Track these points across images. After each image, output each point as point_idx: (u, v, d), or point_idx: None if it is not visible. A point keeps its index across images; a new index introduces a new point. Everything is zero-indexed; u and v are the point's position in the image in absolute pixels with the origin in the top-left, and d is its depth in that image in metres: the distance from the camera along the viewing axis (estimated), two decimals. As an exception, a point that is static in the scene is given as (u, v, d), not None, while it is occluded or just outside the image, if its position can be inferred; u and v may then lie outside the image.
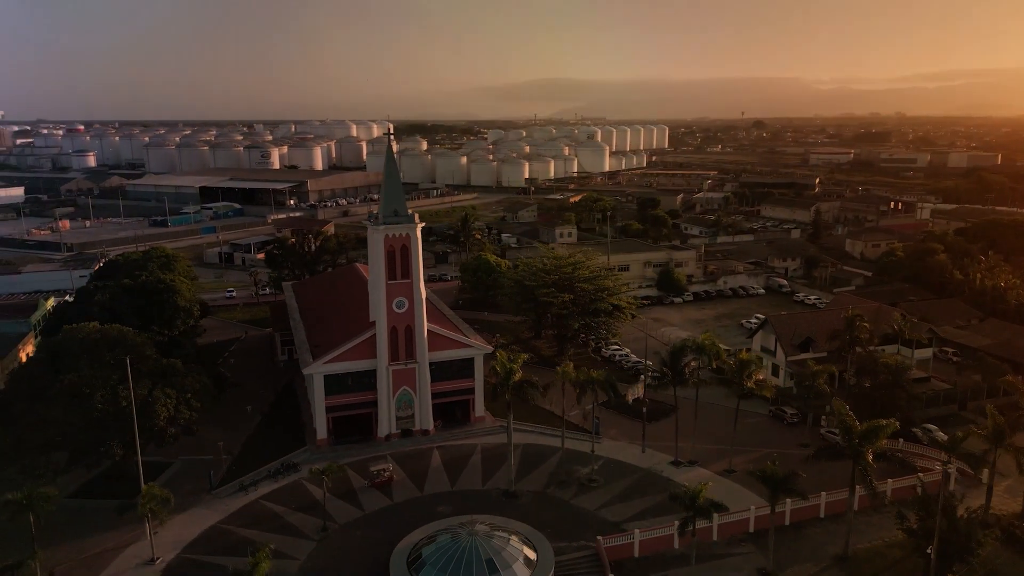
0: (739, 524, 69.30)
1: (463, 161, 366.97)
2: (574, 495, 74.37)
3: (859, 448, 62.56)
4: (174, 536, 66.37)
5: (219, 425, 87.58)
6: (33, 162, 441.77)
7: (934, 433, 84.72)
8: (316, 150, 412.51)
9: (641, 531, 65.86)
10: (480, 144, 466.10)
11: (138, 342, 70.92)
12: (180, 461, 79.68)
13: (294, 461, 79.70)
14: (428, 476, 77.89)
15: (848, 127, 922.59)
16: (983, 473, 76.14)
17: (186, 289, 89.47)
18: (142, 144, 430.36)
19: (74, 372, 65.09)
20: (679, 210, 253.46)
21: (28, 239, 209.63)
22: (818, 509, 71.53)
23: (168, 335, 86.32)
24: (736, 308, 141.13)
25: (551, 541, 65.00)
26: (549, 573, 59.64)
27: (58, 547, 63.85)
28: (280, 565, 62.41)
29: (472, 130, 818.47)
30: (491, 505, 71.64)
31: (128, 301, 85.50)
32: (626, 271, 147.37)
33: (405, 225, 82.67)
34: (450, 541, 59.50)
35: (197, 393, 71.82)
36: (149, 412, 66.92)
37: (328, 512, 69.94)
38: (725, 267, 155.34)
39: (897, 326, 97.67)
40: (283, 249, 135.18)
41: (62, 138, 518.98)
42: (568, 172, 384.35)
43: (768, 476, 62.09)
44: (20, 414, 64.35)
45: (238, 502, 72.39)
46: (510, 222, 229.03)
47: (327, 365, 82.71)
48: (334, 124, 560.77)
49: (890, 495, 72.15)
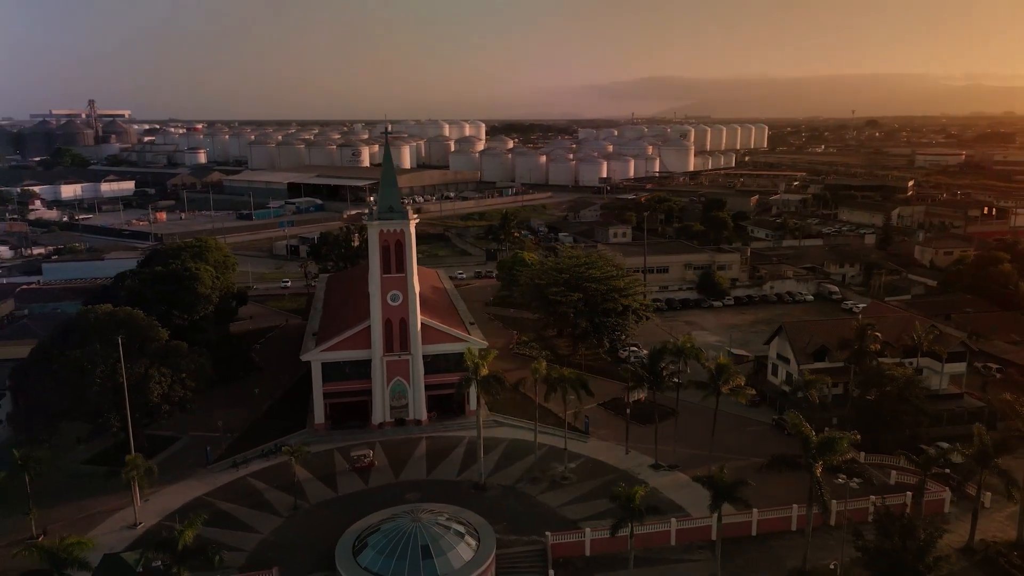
0: (700, 531, 68.35)
1: (542, 160, 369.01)
2: (542, 491, 75.17)
3: (813, 460, 60.45)
4: (161, 505, 72.06)
5: (234, 406, 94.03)
6: (151, 158, 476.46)
7: (947, 451, 79.98)
8: (405, 149, 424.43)
9: (592, 530, 66.07)
10: (562, 144, 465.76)
11: (144, 324, 77.22)
12: (188, 437, 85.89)
13: (288, 443, 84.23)
14: (408, 464, 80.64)
15: (975, 127, 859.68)
16: (986, 497, 71.82)
17: (208, 278, 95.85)
18: (247, 142, 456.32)
19: (78, 349, 71.73)
20: (752, 212, 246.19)
21: (125, 229, 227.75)
22: (789, 522, 69.63)
23: (188, 319, 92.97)
24: (777, 314, 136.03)
25: (506, 534, 66.40)
26: (486, 563, 60.94)
27: (59, 508, 70.66)
28: (243, 537, 66.95)
29: (569, 129, 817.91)
30: (459, 496, 73.44)
31: (155, 287, 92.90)
32: (665, 272, 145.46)
33: (399, 221, 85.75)
34: (393, 527, 61.83)
35: (192, 373, 77.26)
36: (144, 389, 72.78)
37: (303, 492, 73.95)
38: (773, 272, 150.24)
39: (917, 337, 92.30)
40: (327, 243, 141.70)
41: (179, 136, 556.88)
42: (648, 172, 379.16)
43: (712, 482, 61.02)
44: (31, 385, 71.70)
45: (227, 477, 77.50)
46: (571, 221, 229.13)
47: (324, 353, 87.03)
48: (427, 124, 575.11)
49: (848, 513, 69.03)
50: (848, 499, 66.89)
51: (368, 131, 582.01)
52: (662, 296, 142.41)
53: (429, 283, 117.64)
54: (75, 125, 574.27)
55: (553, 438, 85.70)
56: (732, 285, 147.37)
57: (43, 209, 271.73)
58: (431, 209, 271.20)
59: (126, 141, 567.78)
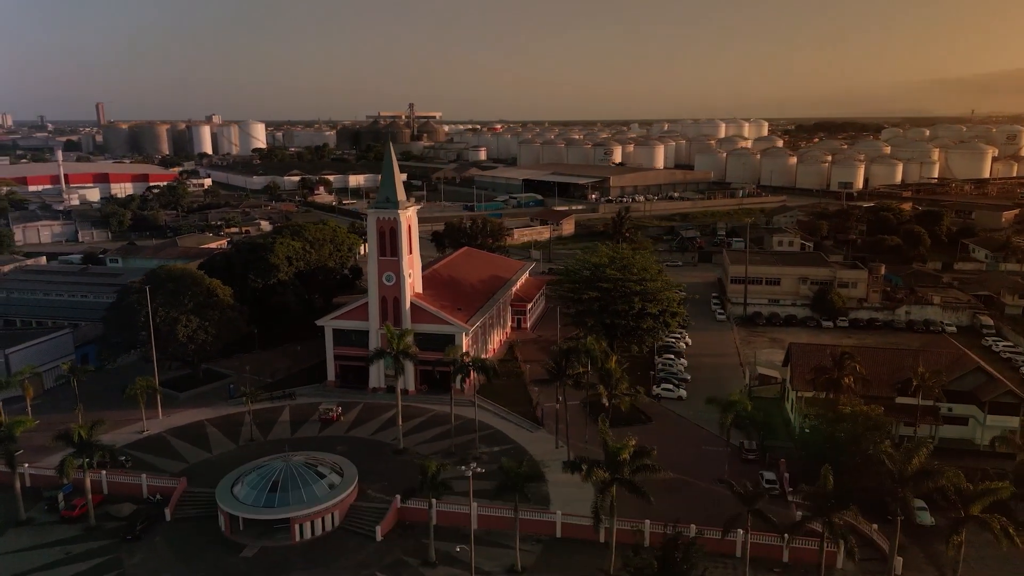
0: (543, 525, 69.49)
1: (791, 162, 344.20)
2: (445, 462, 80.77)
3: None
4: (168, 422, 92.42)
5: (287, 359, 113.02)
6: (444, 155, 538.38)
7: (918, 511, 68.50)
8: (658, 149, 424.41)
9: (438, 502, 70.90)
10: (823, 146, 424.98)
11: (189, 280, 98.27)
12: (235, 375, 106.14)
13: (296, 392, 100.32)
14: (361, 424, 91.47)
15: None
16: (898, 563, 61.46)
17: (282, 251, 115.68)
18: (518, 141, 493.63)
19: (138, 294, 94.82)
20: (1006, 229, 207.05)
21: (360, 212, 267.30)
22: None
23: (263, 283, 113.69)
24: (892, 343, 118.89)
25: (384, 493, 74.35)
26: (344, 493, 70.99)
27: (100, 411, 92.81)
28: (196, 454, 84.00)
29: (882, 128, 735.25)
30: (375, 454, 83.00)
31: (240, 256, 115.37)
32: (775, 285, 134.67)
33: (391, 210, 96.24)
34: (267, 467, 73.37)
35: (218, 324, 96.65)
36: (173, 331, 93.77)
37: (260, 431, 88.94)
38: (914, 297, 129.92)
39: (917, 378, 77.53)
40: (449, 230, 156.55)
41: (471, 135, 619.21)
42: (923, 177, 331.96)
43: (505, 472, 62.66)
44: (109, 320, 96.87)
45: (230, 410, 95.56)
46: (760, 226, 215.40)
47: (334, 321, 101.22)
48: (703, 123, 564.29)
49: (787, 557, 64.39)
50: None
51: (646, 130, 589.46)
52: (765, 309, 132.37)
53: (492, 271, 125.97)
54: (397, 125, 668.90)
55: (506, 423, 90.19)
56: (858, 305, 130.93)
57: (323, 194, 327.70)
58: (637, 208, 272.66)
59: (434, 139, 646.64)
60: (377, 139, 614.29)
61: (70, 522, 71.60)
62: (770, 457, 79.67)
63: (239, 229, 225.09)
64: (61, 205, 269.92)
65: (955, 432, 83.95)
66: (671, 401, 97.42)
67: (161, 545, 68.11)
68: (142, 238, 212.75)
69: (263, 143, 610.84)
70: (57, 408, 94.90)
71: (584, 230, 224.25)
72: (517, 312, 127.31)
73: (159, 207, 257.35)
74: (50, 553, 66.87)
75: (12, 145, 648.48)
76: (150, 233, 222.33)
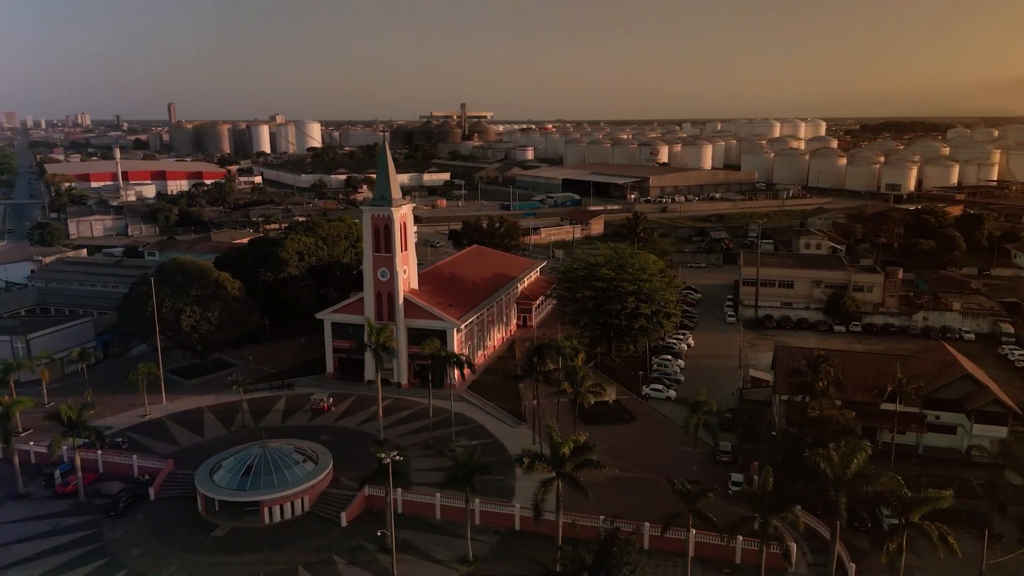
0: (503, 518, 70.72)
1: (841, 163, 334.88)
2: (421, 455, 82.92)
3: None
4: (170, 407, 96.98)
5: (294, 351, 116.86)
6: (492, 155, 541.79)
7: (886, 518, 67.42)
8: (706, 149, 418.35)
9: (404, 491, 72.97)
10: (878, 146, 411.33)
11: (196, 273, 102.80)
12: (242, 364, 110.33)
13: (295, 383, 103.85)
14: (350, 415, 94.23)
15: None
16: (851, 568, 60.64)
17: (292, 247, 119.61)
18: (564, 140, 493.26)
19: (145, 286, 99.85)
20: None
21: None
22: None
23: (273, 277, 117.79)
24: (905, 350, 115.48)
25: (350, 480, 76.74)
26: (318, 478, 74.22)
27: (108, 394, 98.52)
28: (189, 438, 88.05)
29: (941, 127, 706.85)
30: (357, 443, 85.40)
31: (253, 250, 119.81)
32: (789, 288, 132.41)
33: (385, 208, 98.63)
34: (245, 453, 76.58)
35: (220, 314, 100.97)
36: (177, 320, 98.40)
37: (250, 421, 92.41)
38: (933, 302, 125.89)
39: (894, 384, 75.71)
40: (466, 229, 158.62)
41: (519, 135, 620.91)
42: (981, 179, 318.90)
43: (457, 461, 64.26)
44: (121, 309, 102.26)
45: (228, 398, 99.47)
46: (796, 229, 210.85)
47: (333, 314, 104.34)
48: (758, 123, 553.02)
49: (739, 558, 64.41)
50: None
51: (699, 129, 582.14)
52: (777, 312, 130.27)
53: (497, 270, 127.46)
54: (448, 125, 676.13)
55: (489, 418, 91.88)
56: (874, 310, 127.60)
57: (366, 192, 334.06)
58: (673, 208, 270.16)
59: (484, 139, 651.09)
60: (428, 139, 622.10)
61: (63, 498, 76.28)
62: (743, 459, 79.07)
63: (278, 225, 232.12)
64: (116, 200, 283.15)
65: (943, 440, 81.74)
66: (659, 401, 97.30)
67: (141, 522, 71.98)
68: (186, 233, 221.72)
69: (318, 142, 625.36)
70: (72, 392, 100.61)
71: (612, 230, 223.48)
72: (523, 310, 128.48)
73: (206, 203, 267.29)
74: (40, 525, 71.49)
75: (85, 143, 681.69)
76: (194, 228, 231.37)
